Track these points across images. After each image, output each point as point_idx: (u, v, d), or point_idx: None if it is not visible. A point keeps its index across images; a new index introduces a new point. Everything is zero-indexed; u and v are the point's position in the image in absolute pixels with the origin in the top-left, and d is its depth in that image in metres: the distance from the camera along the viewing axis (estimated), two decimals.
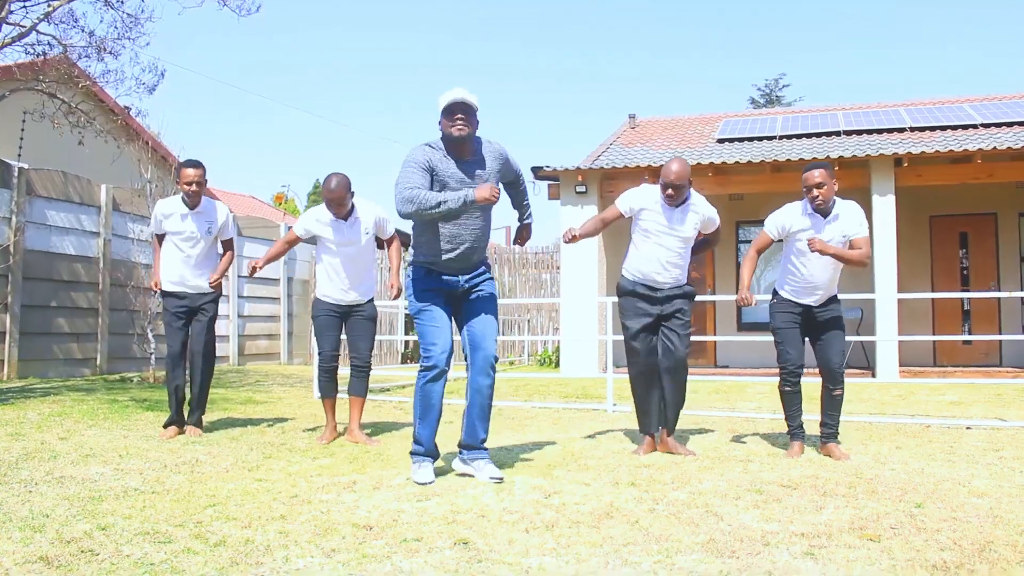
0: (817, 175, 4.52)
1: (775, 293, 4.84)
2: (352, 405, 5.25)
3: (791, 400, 4.79)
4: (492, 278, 4.18)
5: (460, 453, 4.09)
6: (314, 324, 5.29)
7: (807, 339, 4.77)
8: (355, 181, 5.10)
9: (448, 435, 5.43)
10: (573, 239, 4.73)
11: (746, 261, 4.87)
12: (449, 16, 72.83)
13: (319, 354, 5.33)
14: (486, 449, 4.05)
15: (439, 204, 3.76)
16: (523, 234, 4.42)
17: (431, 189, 3.85)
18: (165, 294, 5.46)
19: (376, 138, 79.31)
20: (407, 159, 3.90)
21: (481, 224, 4.02)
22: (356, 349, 5.26)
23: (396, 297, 5.25)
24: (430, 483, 3.80)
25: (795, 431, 4.78)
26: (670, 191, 4.61)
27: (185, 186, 5.28)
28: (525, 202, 4.39)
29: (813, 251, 4.47)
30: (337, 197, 4.99)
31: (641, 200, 4.77)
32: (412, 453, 4.01)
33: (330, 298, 5.21)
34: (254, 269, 5.11)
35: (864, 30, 64.78)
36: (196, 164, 5.35)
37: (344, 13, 73.16)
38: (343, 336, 5.34)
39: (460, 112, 3.85)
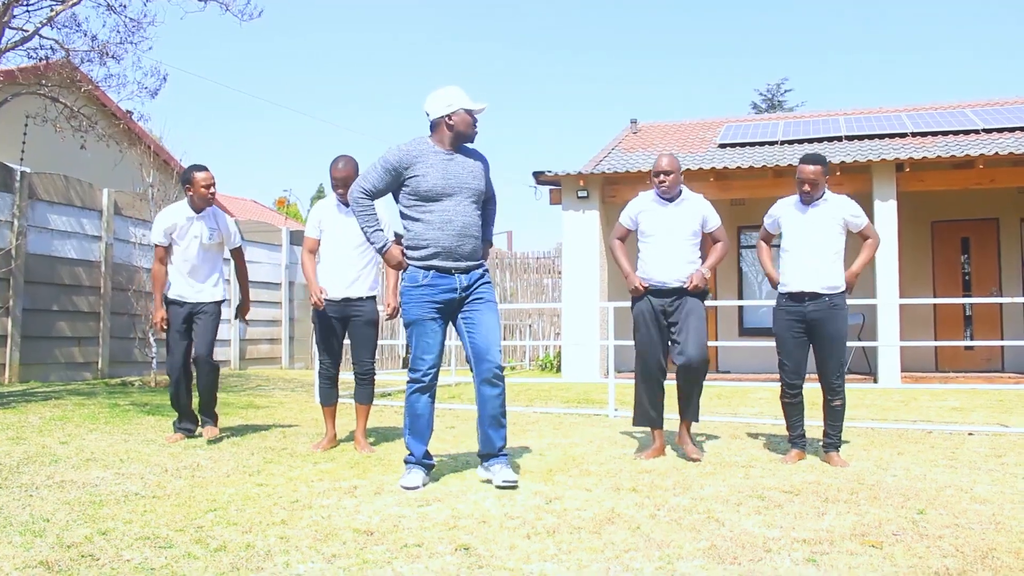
0: (810, 171, 4.63)
1: (779, 295, 4.83)
2: (358, 413, 5.18)
3: (791, 411, 4.78)
4: (490, 281, 4.12)
5: (481, 462, 4.05)
6: (315, 330, 5.21)
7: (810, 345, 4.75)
8: None
9: (450, 440, 5.42)
10: (637, 289, 4.81)
11: (761, 252, 5.09)
12: (450, 19, 73.08)
13: (319, 362, 5.25)
14: (505, 455, 4.02)
15: (363, 228, 4.03)
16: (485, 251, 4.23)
17: (404, 186, 3.95)
18: (168, 302, 5.32)
19: (379, 141, 79.51)
20: (383, 155, 3.99)
21: (472, 210, 3.98)
22: (358, 358, 5.13)
23: (391, 317, 5.15)
24: (415, 488, 3.79)
25: (795, 440, 4.77)
26: (660, 177, 4.78)
27: (203, 189, 5.22)
28: (490, 225, 4.26)
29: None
30: (344, 176, 4.98)
31: (636, 205, 4.98)
32: (405, 461, 4.03)
33: (330, 294, 5.08)
34: (318, 304, 5.02)
35: (866, 35, 64.95)
36: (206, 168, 5.28)
37: (345, 15, 73.43)
38: (345, 342, 5.28)
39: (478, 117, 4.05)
